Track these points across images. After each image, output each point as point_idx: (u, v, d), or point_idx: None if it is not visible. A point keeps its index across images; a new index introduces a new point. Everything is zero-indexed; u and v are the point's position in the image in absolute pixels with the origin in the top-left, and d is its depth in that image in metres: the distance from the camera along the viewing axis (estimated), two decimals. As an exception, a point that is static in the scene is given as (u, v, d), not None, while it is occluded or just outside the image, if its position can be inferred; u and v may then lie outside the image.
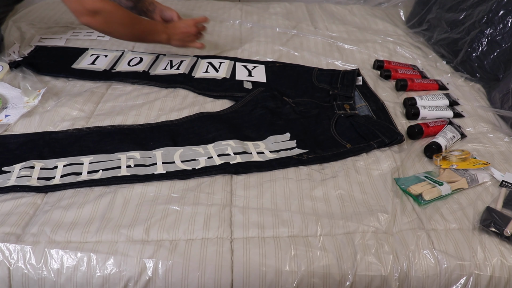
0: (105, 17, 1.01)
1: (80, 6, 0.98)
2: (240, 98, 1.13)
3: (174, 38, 1.16)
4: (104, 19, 1.01)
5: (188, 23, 1.18)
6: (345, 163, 0.94)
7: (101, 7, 0.99)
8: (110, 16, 1.01)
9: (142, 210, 0.80)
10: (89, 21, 1.00)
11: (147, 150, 0.93)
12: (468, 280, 0.74)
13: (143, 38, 1.14)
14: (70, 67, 1.24)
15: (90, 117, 1.05)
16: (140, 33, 1.11)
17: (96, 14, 0.99)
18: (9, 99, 1.07)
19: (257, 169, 0.90)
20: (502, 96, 1.16)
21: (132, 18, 1.08)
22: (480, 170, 0.93)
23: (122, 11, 1.04)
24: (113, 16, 1.02)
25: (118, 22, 1.04)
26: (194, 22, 1.18)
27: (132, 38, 1.13)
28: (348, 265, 0.73)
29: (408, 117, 1.12)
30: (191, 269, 0.71)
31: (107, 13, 1.00)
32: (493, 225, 0.79)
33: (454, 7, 1.44)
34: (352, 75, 1.24)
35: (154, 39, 1.14)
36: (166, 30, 1.14)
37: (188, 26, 1.17)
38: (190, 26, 1.17)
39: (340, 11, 1.78)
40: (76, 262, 0.71)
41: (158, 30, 1.13)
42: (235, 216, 0.79)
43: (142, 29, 1.10)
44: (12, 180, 0.84)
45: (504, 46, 1.25)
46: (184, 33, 1.16)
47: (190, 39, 1.18)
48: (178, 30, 1.16)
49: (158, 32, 1.13)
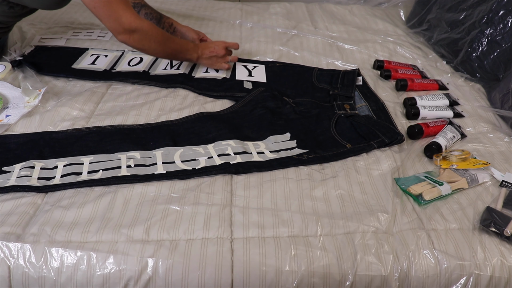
0: (141, 36, 1.05)
1: (118, 25, 1.02)
2: (240, 98, 1.13)
3: (203, 57, 1.20)
4: (140, 37, 1.06)
5: (218, 45, 1.22)
6: (345, 163, 0.94)
7: (138, 26, 1.03)
8: (146, 34, 1.06)
9: (142, 210, 0.80)
10: (126, 39, 1.05)
11: (147, 150, 0.94)
12: (468, 280, 0.74)
13: (174, 56, 1.19)
14: (70, 67, 1.24)
15: (90, 117, 1.05)
16: (172, 51, 1.15)
17: (133, 33, 1.04)
18: (10, 99, 1.07)
19: (257, 169, 0.90)
20: (502, 96, 1.16)
21: (165, 37, 1.12)
22: (480, 170, 0.93)
23: (156, 29, 1.09)
24: (148, 35, 1.06)
25: (153, 40, 1.08)
26: (224, 45, 1.23)
27: (165, 55, 1.19)
28: (348, 265, 0.73)
29: (408, 117, 1.12)
30: (191, 268, 0.71)
31: (143, 32, 1.05)
32: (493, 225, 0.79)
33: (454, 7, 1.44)
34: (352, 75, 1.24)
35: (185, 57, 1.19)
36: (197, 50, 1.19)
37: (218, 48, 1.21)
38: (220, 49, 1.21)
39: (340, 11, 1.78)
40: (76, 261, 0.71)
41: (189, 49, 1.18)
42: (235, 216, 0.79)
43: (174, 47, 1.15)
44: (12, 180, 0.84)
45: (504, 46, 1.25)
46: (213, 54, 1.21)
47: (218, 60, 1.23)
48: (208, 51, 1.20)
49: (189, 51, 1.18)
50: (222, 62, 1.24)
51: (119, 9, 1.01)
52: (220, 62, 1.23)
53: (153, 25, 1.09)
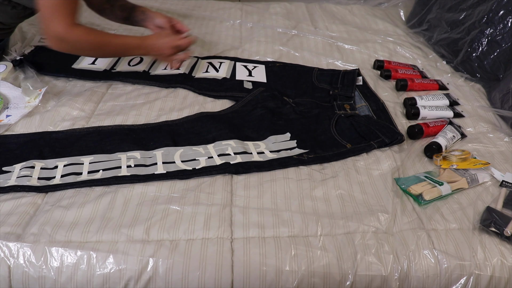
0: (69, 45, 1.01)
1: (48, 30, 0.98)
2: (240, 98, 1.13)
3: (150, 53, 1.15)
4: (69, 47, 1.01)
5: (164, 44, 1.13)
6: (345, 163, 0.94)
7: (66, 36, 0.98)
8: (75, 44, 1.01)
9: (143, 210, 0.80)
10: (55, 46, 1.00)
11: (147, 150, 0.94)
12: (468, 280, 0.74)
13: (119, 55, 1.15)
14: (71, 67, 1.24)
15: (90, 117, 1.05)
16: (113, 53, 1.12)
17: (62, 41, 0.99)
18: (11, 99, 1.07)
19: (257, 169, 0.90)
20: (502, 96, 1.16)
21: (102, 43, 1.06)
22: (480, 170, 0.93)
23: (90, 37, 1.03)
24: (78, 44, 1.01)
25: (84, 48, 1.04)
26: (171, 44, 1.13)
27: (108, 56, 1.15)
28: (348, 265, 0.73)
29: (408, 117, 1.12)
30: (192, 268, 0.71)
31: (72, 42, 1.00)
32: (493, 225, 0.79)
33: (454, 7, 1.44)
34: (353, 75, 1.24)
35: (131, 55, 1.16)
36: (143, 47, 1.12)
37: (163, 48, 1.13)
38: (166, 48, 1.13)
39: (340, 11, 1.78)
40: (76, 261, 0.71)
41: (133, 47, 1.11)
42: (235, 216, 0.79)
43: (115, 49, 1.10)
44: (13, 180, 0.84)
45: (504, 46, 1.25)
46: (158, 53, 1.14)
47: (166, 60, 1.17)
48: (153, 50, 1.14)
49: (133, 49, 1.12)
50: (170, 61, 1.19)
51: (57, 16, 0.96)
52: (167, 61, 1.19)
53: (87, 34, 1.02)
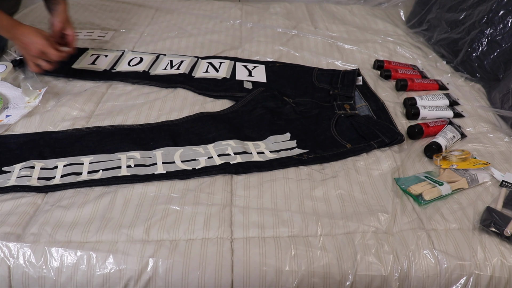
0: None
1: None
2: (240, 98, 1.13)
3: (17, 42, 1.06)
4: None
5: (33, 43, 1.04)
6: (345, 163, 0.94)
7: None
8: None
9: (143, 210, 0.80)
10: None
11: (147, 150, 0.94)
12: (468, 280, 0.74)
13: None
14: (71, 67, 1.24)
15: (90, 117, 1.05)
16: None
17: None
18: (11, 99, 1.07)
19: (257, 169, 0.90)
20: (502, 96, 1.16)
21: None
22: (480, 170, 0.93)
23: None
24: None
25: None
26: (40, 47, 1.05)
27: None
28: (348, 265, 0.73)
29: (408, 117, 1.12)
30: (192, 268, 0.71)
31: None
32: (493, 225, 0.79)
33: (454, 7, 1.44)
34: (353, 75, 1.24)
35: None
36: (11, 30, 1.04)
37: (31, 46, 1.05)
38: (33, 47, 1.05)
39: (340, 11, 1.78)
40: (76, 261, 0.71)
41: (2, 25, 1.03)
42: (235, 216, 0.79)
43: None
44: (12, 180, 0.84)
45: (504, 46, 1.25)
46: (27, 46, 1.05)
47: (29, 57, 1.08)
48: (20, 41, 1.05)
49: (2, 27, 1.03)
50: (31, 61, 1.08)
51: None
52: (29, 60, 1.08)
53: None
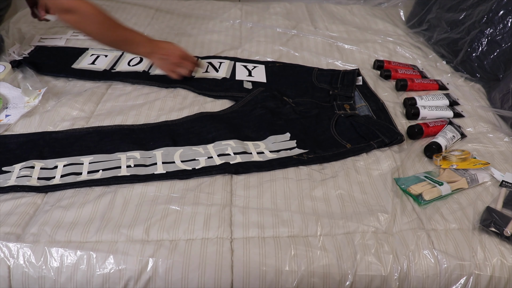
0: (78, 17, 0.99)
1: (55, 4, 0.97)
2: (240, 98, 1.13)
3: (155, 56, 1.12)
4: (77, 19, 1.00)
5: (174, 50, 1.12)
6: (345, 163, 0.94)
7: (75, 6, 0.97)
8: (84, 16, 0.99)
9: (142, 210, 0.80)
10: (64, 19, 0.99)
11: (147, 150, 0.94)
12: (468, 280, 0.74)
13: (121, 46, 1.11)
14: (70, 67, 1.24)
15: (90, 117, 1.05)
16: (118, 39, 1.08)
17: (69, 12, 0.98)
18: (10, 99, 1.07)
19: (257, 169, 0.90)
20: (502, 96, 1.16)
21: (110, 23, 1.04)
22: (480, 170, 0.93)
23: (99, 14, 1.02)
24: (86, 17, 1.00)
25: (92, 23, 1.01)
26: (180, 53, 1.13)
27: (107, 42, 1.10)
28: (348, 265, 0.73)
29: (408, 117, 1.12)
30: (191, 268, 0.71)
31: (81, 13, 0.99)
32: (493, 225, 0.79)
33: (454, 7, 1.44)
34: (352, 75, 1.24)
35: (133, 50, 1.12)
36: (150, 45, 1.11)
37: (172, 54, 1.12)
38: (174, 55, 1.12)
39: (340, 11, 1.78)
40: (76, 261, 0.71)
41: (139, 42, 1.10)
42: (235, 216, 0.79)
43: (121, 36, 1.07)
44: (12, 180, 0.84)
45: (504, 46, 1.25)
46: (165, 57, 1.12)
47: (169, 66, 1.13)
48: (162, 51, 1.11)
49: (138, 44, 1.10)
50: (172, 70, 1.14)
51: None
52: (169, 68, 1.14)
53: (96, 8, 1.00)
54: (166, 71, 1.15)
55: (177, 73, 1.15)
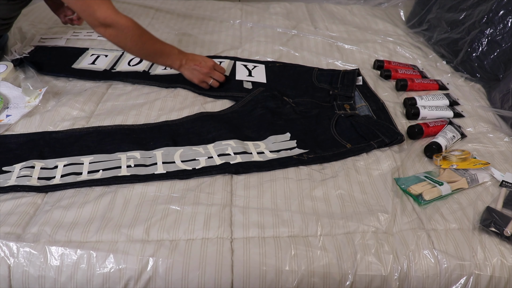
0: (116, 31, 1.02)
1: (93, 19, 1.00)
2: (240, 98, 1.13)
3: (185, 67, 1.14)
4: (116, 33, 1.02)
5: (206, 61, 1.16)
6: (345, 163, 0.94)
7: (113, 21, 1.00)
8: (122, 30, 1.02)
9: (142, 210, 0.80)
10: (102, 33, 1.02)
11: (147, 150, 0.94)
12: (468, 280, 0.74)
13: (154, 58, 1.13)
14: (71, 67, 1.24)
15: (90, 117, 1.05)
16: (151, 52, 1.10)
17: (109, 27, 1.01)
18: (11, 98, 1.07)
19: (257, 169, 0.90)
20: (502, 96, 1.16)
21: (146, 37, 1.08)
22: (480, 170, 0.93)
23: (137, 28, 1.05)
24: (125, 31, 1.02)
25: (129, 37, 1.04)
26: (212, 64, 1.16)
27: (143, 55, 1.12)
28: (348, 265, 0.73)
29: (408, 117, 1.12)
30: (192, 268, 0.71)
31: (119, 28, 1.01)
32: (493, 225, 0.79)
33: (454, 7, 1.44)
34: (352, 75, 1.24)
35: (166, 62, 1.14)
36: (181, 58, 1.14)
37: (204, 64, 1.15)
38: (205, 66, 1.15)
39: (340, 11, 1.78)
40: (76, 260, 0.71)
41: (172, 54, 1.13)
42: (235, 216, 0.79)
43: (155, 49, 1.10)
44: (13, 180, 0.84)
45: (504, 46, 1.25)
46: (197, 68, 1.14)
47: (199, 76, 1.15)
48: (193, 63, 1.14)
49: (171, 56, 1.13)
50: (203, 80, 1.16)
51: (94, 3, 0.98)
52: (201, 79, 1.16)
53: (133, 23, 1.04)
54: (197, 81, 1.16)
55: (207, 84, 1.17)
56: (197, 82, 1.16)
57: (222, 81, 1.18)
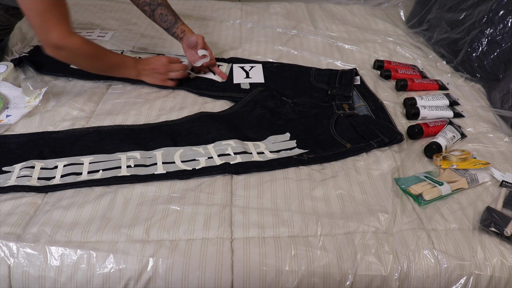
0: (68, 53, 1.01)
1: (46, 39, 0.98)
2: (238, 99, 1.13)
3: (143, 73, 1.14)
4: (67, 55, 1.01)
5: (158, 60, 1.14)
6: (345, 163, 0.94)
7: (65, 44, 0.98)
8: (74, 53, 1.01)
9: (142, 210, 0.80)
10: (52, 54, 1.00)
11: (147, 150, 0.94)
12: (468, 280, 0.74)
13: (110, 72, 1.13)
14: (69, 66, 1.24)
15: (90, 117, 1.05)
16: (107, 68, 1.11)
17: (60, 49, 0.99)
18: (11, 99, 1.07)
19: (257, 169, 0.90)
20: (502, 96, 1.16)
21: (99, 54, 1.07)
22: (480, 170, 0.93)
23: (88, 47, 1.03)
24: (77, 53, 1.02)
25: (82, 57, 1.04)
26: (166, 61, 1.15)
27: (99, 71, 1.12)
28: (348, 265, 0.73)
29: (408, 117, 1.12)
30: (192, 268, 0.71)
31: (71, 50, 1.00)
32: (493, 225, 0.79)
33: (454, 7, 1.44)
34: (350, 74, 1.24)
35: (122, 74, 1.14)
36: (136, 66, 1.13)
37: (158, 64, 1.14)
38: (160, 65, 1.14)
39: (340, 11, 1.78)
40: (76, 260, 0.71)
41: (127, 65, 1.13)
42: (235, 216, 0.79)
43: (110, 64, 1.10)
44: (13, 180, 0.84)
45: (504, 46, 1.25)
46: (153, 70, 1.14)
47: (160, 77, 1.15)
48: (148, 67, 1.14)
49: (126, 67, 1.12)
50: (164, 79, 1.16)
51: (51, 23, 0.95)
52: (162, 79, 1.15)
53: (85, 43, 1.02)
54: (161, 83, 1.16)
55: (170, 81, 1.16)
56: (161, 83, 1.16)
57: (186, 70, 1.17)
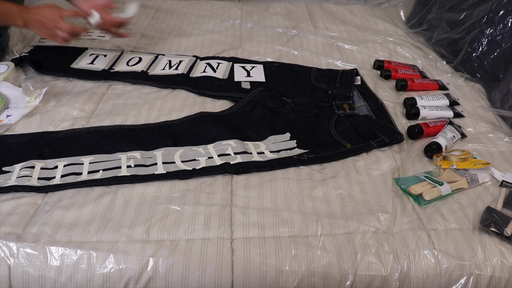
0: None
1: None
2: (238, 99, 1.13)
3: (31, 24, 1.05)
4: None
5: (47, 13, 1.05)
6: (345, 163, 0.94)
7: None
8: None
9: (143, 210, 0.80)
10: None
11: (147, 150, 0.94)
12: (468, 280, 0.74)
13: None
14: (70, 66, 1.24)
15: (90, 117, 1.05)
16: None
17: None
18: (11, 99, 1.07)
19: (257, 169, 0.90)
20: (502, 96, 1.16)
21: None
22: (480, 170, 0.93)
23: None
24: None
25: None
26: (57, 14, 1.05)
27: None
28: (349, 265, 0.73)
29: (408, 117, 1.12)
30: (192, 268, 0.71)
31: None
32: (493, 225, 0.79)
33: (454, 7, 1.44)
34: (351, 74, 1.24)
35: (8, 23, 1.06)
36: (22, 15, 1.04)
37: (47, 17, 1.04)
38: (49, 19, 1.04)
39: (340, 11, 1.78)
40: (77, 260, 0.71)
41: (12, 14, 1.04)
42: (235, 216, 0.79)
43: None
44: (13, 180, 0.84)
45: (504, 46, 1.25)
46: (40, 22, 1.05)
47: (48, 32, 1.06)
48: (35, 17, 1.04)
49: (12, 16, 1.04)
50: (51, 35, 1.06)
51: None
52: (49, 34, 1.06)
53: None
54: (49, 38, 1.09)
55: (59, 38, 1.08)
56: (49, 38, 1.09)
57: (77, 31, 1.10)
